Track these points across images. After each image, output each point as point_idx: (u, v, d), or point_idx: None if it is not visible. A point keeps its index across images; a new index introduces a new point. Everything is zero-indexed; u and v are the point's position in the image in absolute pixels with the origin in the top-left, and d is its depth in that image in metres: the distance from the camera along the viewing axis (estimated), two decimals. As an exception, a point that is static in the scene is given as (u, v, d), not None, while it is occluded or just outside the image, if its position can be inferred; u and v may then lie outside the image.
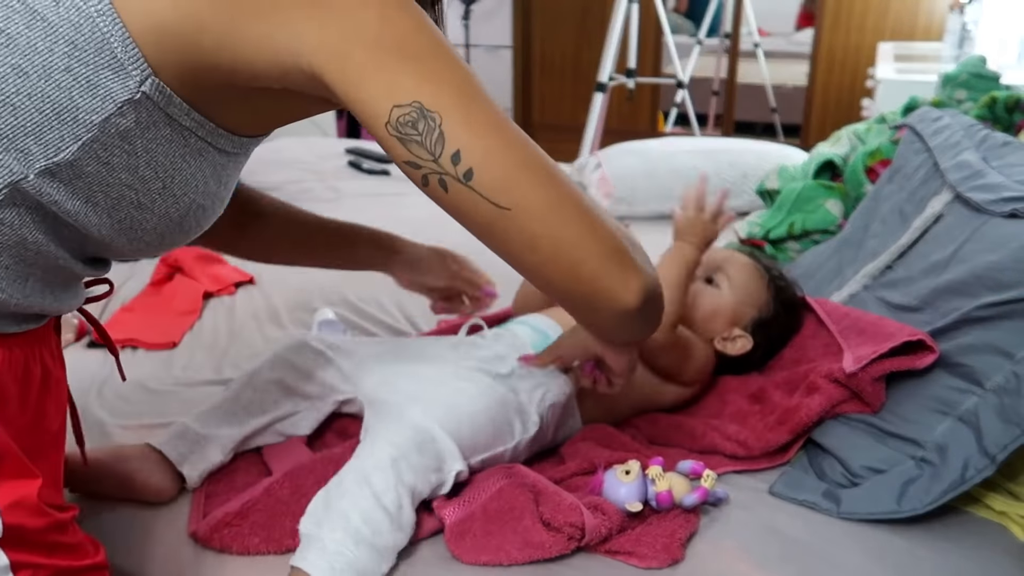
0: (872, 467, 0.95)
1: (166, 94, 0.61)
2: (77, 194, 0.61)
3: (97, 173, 0.61)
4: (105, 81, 0.58)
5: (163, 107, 0.61)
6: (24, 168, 0.59)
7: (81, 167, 0.60)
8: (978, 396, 0.92)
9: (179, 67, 0.60)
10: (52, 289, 0.67)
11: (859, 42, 3.79)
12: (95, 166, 0.61)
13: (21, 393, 0.66)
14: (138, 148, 0.62)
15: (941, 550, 0.86)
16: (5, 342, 0.65)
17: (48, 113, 0.58)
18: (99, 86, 0.58)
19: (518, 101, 4.52)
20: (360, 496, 0.82)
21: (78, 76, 0.58)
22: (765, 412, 1.06)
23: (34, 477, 0.65)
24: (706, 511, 0.92)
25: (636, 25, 3.04)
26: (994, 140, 1.27)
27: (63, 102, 0.58)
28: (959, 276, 1.03)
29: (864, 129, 1.77)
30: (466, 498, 0.87)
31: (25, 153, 0.58)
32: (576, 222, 0.66)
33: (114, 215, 0.64)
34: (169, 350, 1.32)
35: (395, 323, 1.40)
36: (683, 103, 3.65)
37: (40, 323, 0.69)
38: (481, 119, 0.63)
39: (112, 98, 0.59)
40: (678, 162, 2.02)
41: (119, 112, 0.59)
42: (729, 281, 1.19)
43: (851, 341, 1.06)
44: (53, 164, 0.59)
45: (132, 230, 0.66)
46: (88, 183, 0.61)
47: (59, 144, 0.59)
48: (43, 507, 0.64)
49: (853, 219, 1.46)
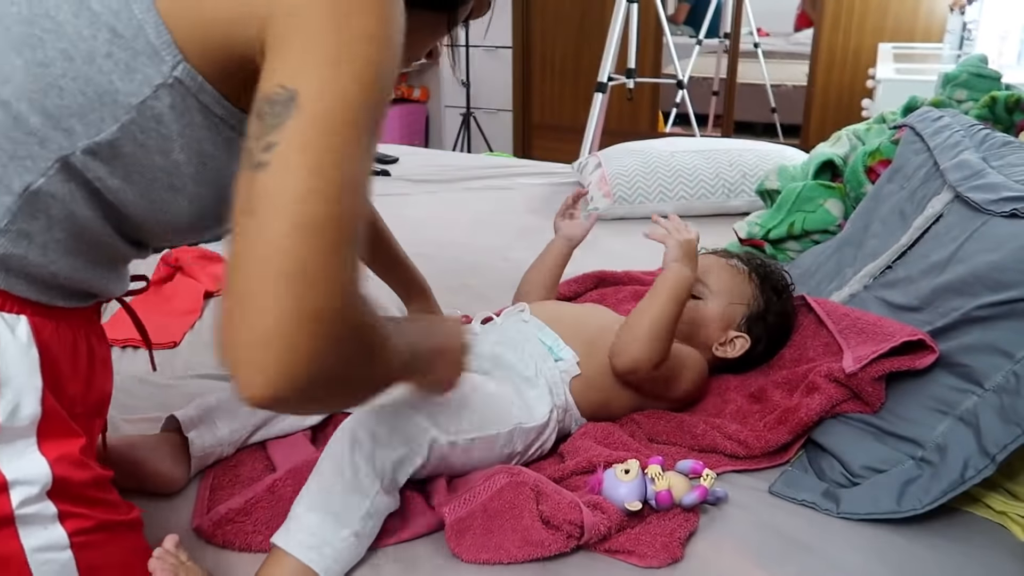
0: (872, 467, 0.96)
1: (197, 81, 0.63)
2: (116, 173, 0.65)
3: (134, 154, 0.64)
4: (142, 66, 0.61)
5: (195, 93, 0.64)
6: (71, 145, 0.62)
7: (120, 147, 0.63)
8: (978, 396, 0.92)
9: (207, 52, 0.62)
10: (98, 267, 0.71)
11: (859, 42, 3.79)
12: (132, 147, 0.64)
13: (71, 363, 0.70)
14: (172, 132, 0.64)
15: (941, 550, 0.86)
16: (54, 315, 0.69)
17: (91, 95, 0.62)
18: (136, 71, 0.61)
19: (518, 101, 4.52)
20: (320, 469, 0.83)
21: (118, 61, 0.61)
22: (765, 412, 1.06)
23: (78, 436, 0.69)
24: (705, 510, 0.92)
25: (636, 25, 3.04)
26: (994, 140, 1.27)
27: (104, 85, 0.61)
28: (959, 276, 1.03)
29: (864, 129, 1.77)
30: (466, 496, 0.88)
31: (70, 132, 0.62)
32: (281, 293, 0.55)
33: (148, 195, 0.67)
34: (170, 349, 1.33)
35: (395, 323, 1.40)
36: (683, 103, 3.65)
37: (86, 303, 0.72)
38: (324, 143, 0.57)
39: (148, 82, 0.62)
40: (678, 162, 2.03)
41: (154, 95, 0.62)
42: (709, 288, 1.19)
43: (851, 341, 1.06)
44: (95, 143, 0.63)
45: (165, 212, 0.69)
46: (126, 163, 0.64)
47: (100, 124, 0.62)
48: (86, 461, 0.69)
49: (853, 219, 1.46)
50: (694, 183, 1.99)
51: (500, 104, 4.57)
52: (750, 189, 1.96)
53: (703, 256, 1.26)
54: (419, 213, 1.98)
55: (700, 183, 1.99)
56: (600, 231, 1.91)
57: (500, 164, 2.55)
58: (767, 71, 4.29)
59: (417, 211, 1.99)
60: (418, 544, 0.87)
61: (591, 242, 1.83)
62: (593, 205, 2.00)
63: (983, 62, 1.64)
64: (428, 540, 0.87)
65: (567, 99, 4.45)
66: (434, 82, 4.71)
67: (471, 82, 4.39)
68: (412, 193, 2.17)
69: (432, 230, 1.86)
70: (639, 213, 1.99)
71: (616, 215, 1.98)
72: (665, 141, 2.23)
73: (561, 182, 2.29)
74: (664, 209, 1.97)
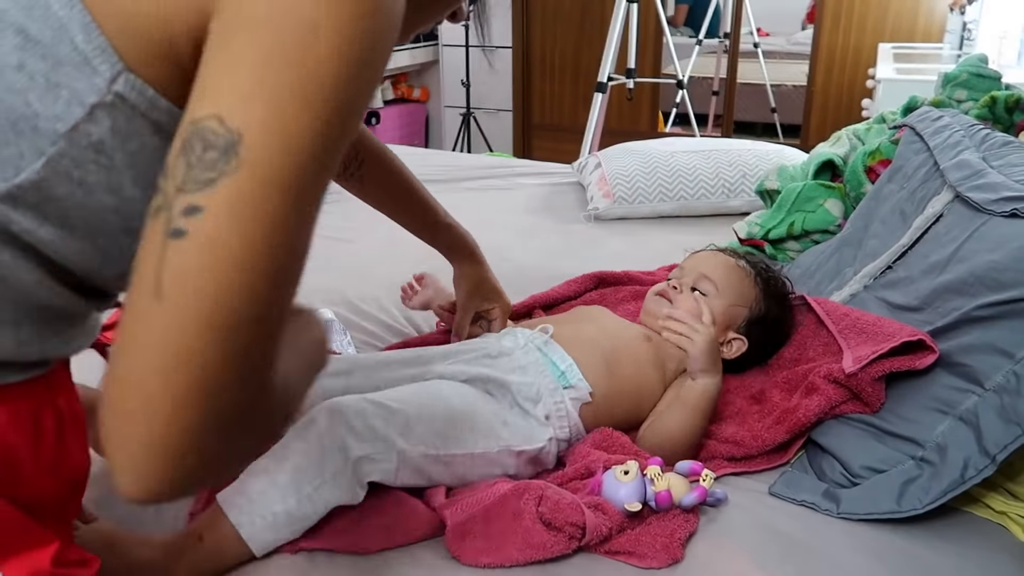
0: (872, 467, 0.95)
1: (146, 95, 0.49)
2: (49, 221, 0.50)
3: (71, 195, 0.49)
4: (68, 80, 0.47)
5: (143, 111, 0.49)
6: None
7: (48, 189, 0.48)
8: (978, 396, 0.92)
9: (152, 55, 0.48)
10: (55, 332, 0.55)
11: (859, 42, 3.79)
12: (66, 187, 0.49)
13: (34, 451, 0.56)
14: (117, 163, 0.50)
15: (941, 550, 0.86)
16: (6, 396, 0.54)
17: (2, 123, 0.47)
18: (60, 86, 0.47)
19: (518, 101, 4.52)
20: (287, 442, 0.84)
21: (34, 74, 0.47)
22: (764, 412, 1.06)
23: (47, 544, 0.57)
24: (705, 511, 0.92)
25: (636, 25, 3.04)
26: (994, 140, 1.27)
27: (18, 108, 0.47)
28: (959, 276, 1.03)
29: (864, 129, 1.77)
30: (467, 501, 0.87)
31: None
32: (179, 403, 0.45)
33: (97, 243, 0.52)
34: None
35: (395, 323, 1.40)
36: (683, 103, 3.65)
37: (44, 368, 0.57)
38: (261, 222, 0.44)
39: (79, 100, 0.47)
40: (678, 162, 2.02)
41: (89, 118, 0.48)
42: (715, 286, 1.18)
43: (851, 341, 1.06)
44: (14, 187, 0.48)
45: (123, 259, 0.51)
46: (61, 207, 0.50)
47: (18, 162, 0.47)
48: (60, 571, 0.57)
49: (853, 219, 1.46)
50: (694, 183, 1.99)
51: (500, 104, 4.57)
52: (750, 189, 1.96)
53: (713, 252, 1.26)
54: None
55: (700, 183, 1.99)
56: (600, 231, 1.92)
57: (500, 164, 2.55)
58: (767, 71, 4.29)
59: (417, 211, 1.99)
60: (419, 548, 0.86)
61: (591, 242, 1.83)
62: (593, 205, 2.00)
63: (983, 62, 1.64)
64: (429, 544, 0.87)
65: (567, 99, 4.45)
66: (434, 82, 4.71)
67: (471, 82, 4.39)
68: (412, 193, 2.17)
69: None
70: (639, 213, 1.99)
71: (616, 215, 1.98)
72: (665, 141, 2.23)
73: (561, 182, 2.29)
74: (664, 209, 1.98)
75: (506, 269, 1.60)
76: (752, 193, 1.91)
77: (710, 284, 1.18)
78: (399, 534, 0.87)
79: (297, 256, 0.47)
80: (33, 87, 0.47)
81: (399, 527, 0.87)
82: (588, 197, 2.05)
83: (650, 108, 4.30)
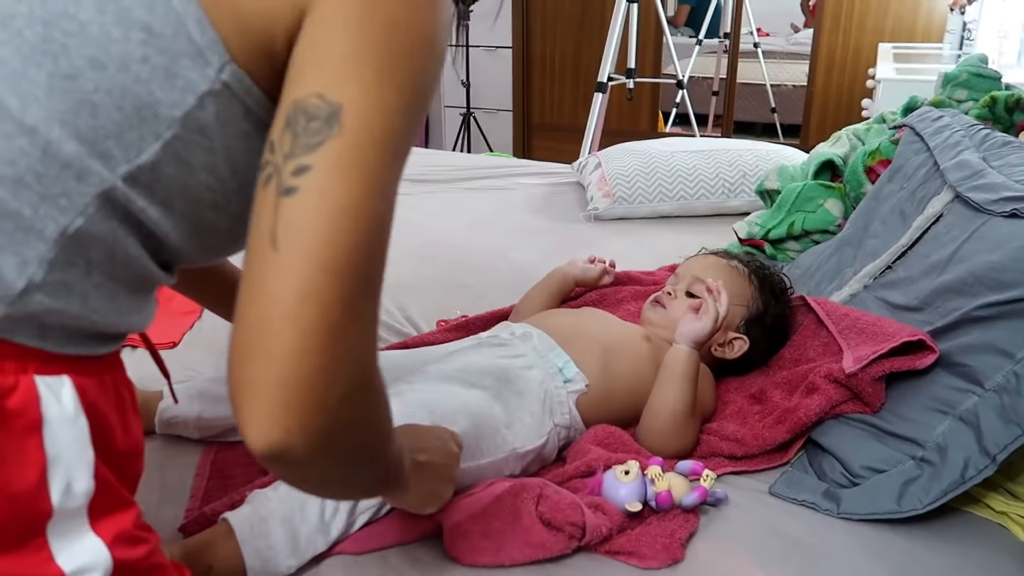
0: (872, 467, 0.95)
1: (245, 83, 0.55)
2: (155, 199, 0.56)
3: (177, 176, 0.55)
4: (184, 70, 0.53)
5: (242, 98, 0.55)
6: (111, 175, 0.53)
7: (162, 169, 0.54)
8: (978, 396, 0.92)
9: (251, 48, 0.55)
10: (135, 303, 0.60)
11: (859, 42, 3.79)
12: (175, 167, 0.55)
13: (121, 419, 0.60)
14: (216, 145, 0.56)
15: (941, 550, 0.86)
16: (94, 367, 0.58)
17: (128, 110, 0.52)
18: (178, 76, 0.53)
19: (518, 101, 4.52)
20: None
21: (156, 66, 0.52)
22: (765, 412, 1.06)
23: (130, 506, 0.60)
24: (705, 511, 0.92)
25: (636, 25, 3.04)
26: (994, 140, 1.27)
27: (143, 97, 0.52)
28: (959, 276, 1.03)
29: (864, 129, 1.77)
30: (466, 501, 0.87)
31: (108, 158, 0.53)
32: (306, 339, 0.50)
33: (189, 218, 0.58)
34: (169, 350, 1.32)
35: (395, 323, 1.40)
36: (683, 103, 3.65)
37: (119, 344, 0.62)
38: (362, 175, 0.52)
39: (192, 89, 0.53)
40: (678, 162, 2.03)
41: (199, 105, 0.54)
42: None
43: (851, 341, 1.06)
44: (136, 168, 0.53)
45: (206, 233, 0.60)
46: (166, 186, 0.56)
47: (140, 144, 0.53)
48: (139, 535, 0.61)
49: (853, 219, 1.46)
50: (694, 183, 1.99)
51: (500, 104, 4.57)
52: (750, 189, 1.96)
53: (704, 256, 1.26)
54: (419, 213, 1.98)
55: (700, 183, 1.99)
56: (600, 231, 1.92)
57: (500, 164, 2.55)
58: (767, 71, 4.29)
59: (417, 211, 1.99)
60: (418, 547, 0.86)
61: (591, 242, 1.83)
62: (593, 205, 2.00)
63: (983, 62, 1.64)
64: (427, 544, 0.87)
65: (567, 99, 4.45)
66: (434, 82, 4.71)
67: (471, 82, 4.39)
68: (412, 193, 2.17)
69: (432, 230, 1.86)
70: (639, 213, 1.99)
71: (616, 215, 1.98)
72: (665, 141, 2.23)
73: (561, 182, 2.29)
74: (663, 209, 1.98)
75: (506, 269, 1.60)
76: (752, 193, 1.91)
77: (703, 287, 1.18)
78: (404, 535, 0.87)
79: (388, 205, 0.54)
80: (155, 78, 0.52)
81: (404, 528, 0.87)
82: (588, 197, 2.05)
83: (650, 108, 4.30)
